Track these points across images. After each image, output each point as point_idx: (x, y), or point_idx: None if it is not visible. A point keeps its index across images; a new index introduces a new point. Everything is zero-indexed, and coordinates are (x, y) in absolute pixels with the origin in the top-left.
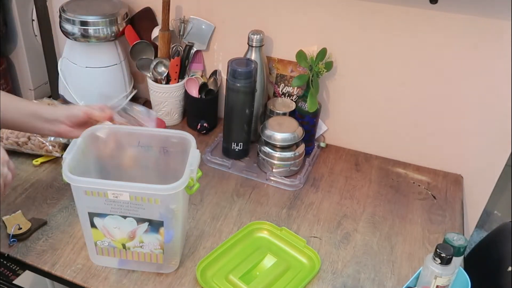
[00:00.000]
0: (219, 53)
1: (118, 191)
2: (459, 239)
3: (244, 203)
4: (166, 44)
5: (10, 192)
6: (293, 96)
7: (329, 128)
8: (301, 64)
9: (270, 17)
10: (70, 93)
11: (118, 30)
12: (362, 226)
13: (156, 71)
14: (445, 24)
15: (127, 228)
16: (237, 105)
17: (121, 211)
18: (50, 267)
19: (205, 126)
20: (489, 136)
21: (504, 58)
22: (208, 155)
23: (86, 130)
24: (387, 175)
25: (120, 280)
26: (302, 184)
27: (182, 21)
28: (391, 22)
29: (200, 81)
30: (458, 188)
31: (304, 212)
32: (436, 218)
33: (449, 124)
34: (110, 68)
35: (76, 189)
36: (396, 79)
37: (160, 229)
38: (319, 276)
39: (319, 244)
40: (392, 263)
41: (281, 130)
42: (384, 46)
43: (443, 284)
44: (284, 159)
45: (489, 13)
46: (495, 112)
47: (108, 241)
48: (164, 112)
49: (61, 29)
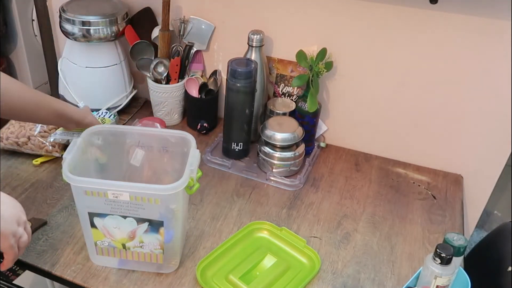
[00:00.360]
0: (219, 53)
1: (118, 191)
2: (459, 239)
3: (244, 203)
4: (166, 44)
5: (10, 192)
6: (293, 96)
7: (329, 128)
8: (301, 64)
9: (270, 17)
10: (70, 93)
11: (118, 30)
12: (362, 226)
13: (156, 71)
14: (445, 24)
15: (127, 228)
16: (237, 105)
17: (121, 211)
18: (50, 267)
19: (205, 126)
20: (489, 136)
21: (504, 58)
22: (208, 155)
23: (86, 130)
24: (387, 175)
25: (120, 280)
26: (302, 184)
27: (182, 21)
28: (391, 22)
29: (200, 81)
30: (458, 188)
31: (304, 212)
32: (436, 218)
33: (449, 124)
34: (110, 68)
35: (76, 189)
36: (396, 79)
37: (160, 229)
38: (319, 276)
39: (319, 244)
40: (392, 263)
41: (281, 130)
42: (384, 46)
43: (443, 284)
44: (284, 159)
45: (489, 13)
46: (495, 112)
47: (108, 241)
48: (164, 112)
49: (61, 29)
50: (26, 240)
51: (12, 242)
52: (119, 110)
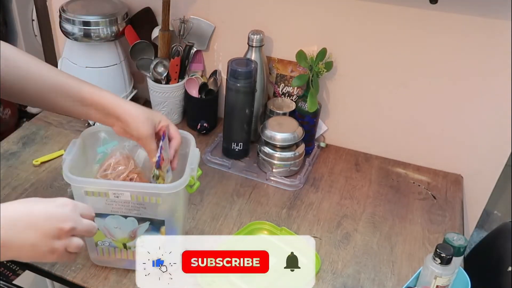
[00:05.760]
0: (219, 53)
1: (119, 191)
2: (459, 239)
3: (244, 203)
4: (166, 44)
5: (10, 192)
6: (293, 96)
7: (329, 128)
8: (301, 64)
9: (270, 17)
10: None
11: (118, 30)
12: (362, 226)
13: (156, 71)
14: (445, 24)
15: (128, 227)
16: (237, 105)
17: (122, 211)
18: (50, 267)
19: (205, 126)
20: (489, 136)
21: (504, 58)
22: (208, 155)
23: (86, 130)
24: (387, 175)
25: (120, 280)
26: (302, 184)
27: (182, 21)
28: (391, 22)
29: (200, 81)
30: (458, 188)
31: (304, 212)
32: (436, 218)
33: (449, 124)
34: (110, 68)
35: (77, 189)
36: (396, 79)
37: (161, 228)
38: (319, 276)
39: (319, 244)
40: (392, 263)
41: (281, 130)
42: (384, 46)
43: (443, 284)
44: (284, 159)
45: (489, 13)
46: (495, 112)
47: (109, 241)
48: (164, 112)
49: (61, 29)
50: (76, 245)
51: (53, 259)
52: None
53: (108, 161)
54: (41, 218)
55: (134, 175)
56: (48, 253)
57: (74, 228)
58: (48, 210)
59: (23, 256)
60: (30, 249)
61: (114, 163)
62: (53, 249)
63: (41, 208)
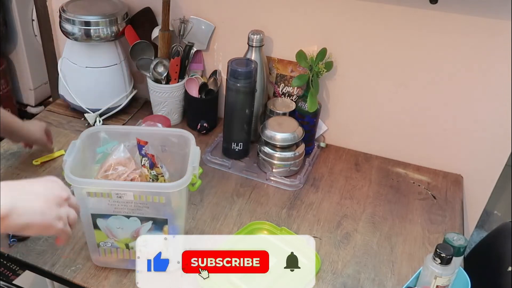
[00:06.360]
0: (219, 53)
1: (122, 191)
2: (459, 239)
3: (244, 203)
4: (166, 44)
5: None
6: (293, 96)
7: (329, 128)
8: (301, 64)
9: (270, 17)
10: (70, 93)
11: (118, 30)
12: (362, 226)
13: (156, 71)
14: (445, 24)
15: (130, 227)
16: (237, 105)
17: (125, 211)
18: (50, 267)
19: (205, 126)
20: (489, 136)
21: (504, 58)
22: (208, 155)
23: (85, 131)
24: (387, 175)
25: (120, 280)
26: (302, 184)
27: (182, 21)
28: (391, 22)
29: (200, 81)
30: (458, 188)
31: (304, 212)
32: (436, 218)
33: (449, 124)
34: (110, 68)
35: (79, 190)
36: (396, 79)
37: (164, 227)
38: (319, 276)
39: (319, 244)
40: (392, 263)
41: (281, 130)
42: (384, 46)
43: (443, 284)
44: (284, 159)
45: (489, 13)
46: (495, 112)
47: (111, 242)
48: (164, 112)
49: (61, 29)
50: (74, 216)
51: (61, 226)
52: (119, 110)
53: (108, 162)
54: (41, 188)
55: (135, 175)
56: (56, 219)
57: (69, 197)
58: (44, 183)
59: (35, 223)
60: (40, 218)
61: (114, 163)
62: (59, 216)
63: (37, 181)
